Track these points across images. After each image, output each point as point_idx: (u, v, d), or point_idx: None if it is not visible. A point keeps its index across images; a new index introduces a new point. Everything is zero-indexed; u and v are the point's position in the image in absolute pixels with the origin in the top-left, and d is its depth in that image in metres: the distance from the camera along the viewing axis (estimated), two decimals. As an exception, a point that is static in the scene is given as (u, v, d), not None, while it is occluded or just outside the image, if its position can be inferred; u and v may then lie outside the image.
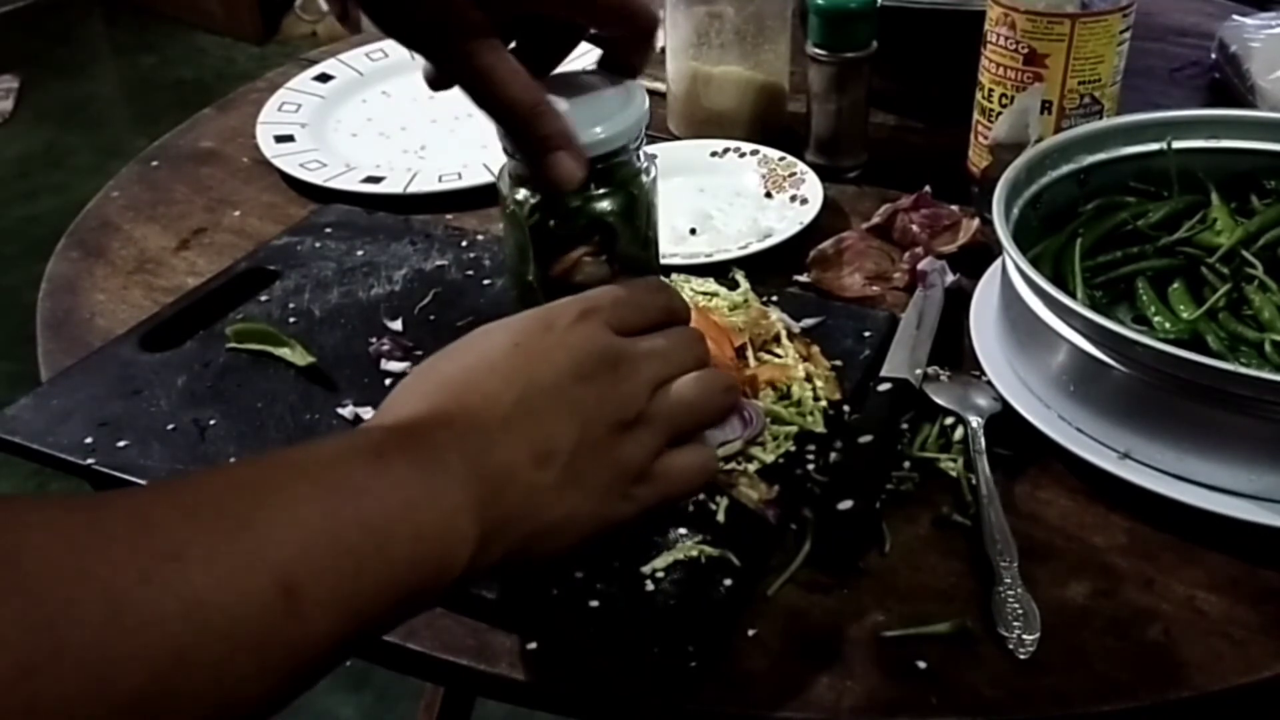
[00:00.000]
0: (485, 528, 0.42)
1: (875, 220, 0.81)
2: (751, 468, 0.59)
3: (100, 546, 0.33)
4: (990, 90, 0.82)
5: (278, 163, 0.94)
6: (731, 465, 0.59)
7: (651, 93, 1.01)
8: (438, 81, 0.53)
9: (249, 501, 0.37)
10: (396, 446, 0.42)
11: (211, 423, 0.65)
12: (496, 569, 0.44)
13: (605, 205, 0.53)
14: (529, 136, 0.50)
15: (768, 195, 0.88)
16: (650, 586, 0.53)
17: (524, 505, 0.44)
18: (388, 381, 0.68)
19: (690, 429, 0.50)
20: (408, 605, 0.40)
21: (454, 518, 0.41)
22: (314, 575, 0.36)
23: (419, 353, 0.70)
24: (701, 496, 0.57)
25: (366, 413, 0.65)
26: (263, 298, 0.76)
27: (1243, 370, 0.56)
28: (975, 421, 0.63)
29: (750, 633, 0.52)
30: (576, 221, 0.53)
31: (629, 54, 0.55)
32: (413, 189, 0.90)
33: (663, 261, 0.78)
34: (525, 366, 0.46)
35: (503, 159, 0.54)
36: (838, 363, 0.67)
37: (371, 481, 0.40)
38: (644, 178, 0.55)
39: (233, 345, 0.71)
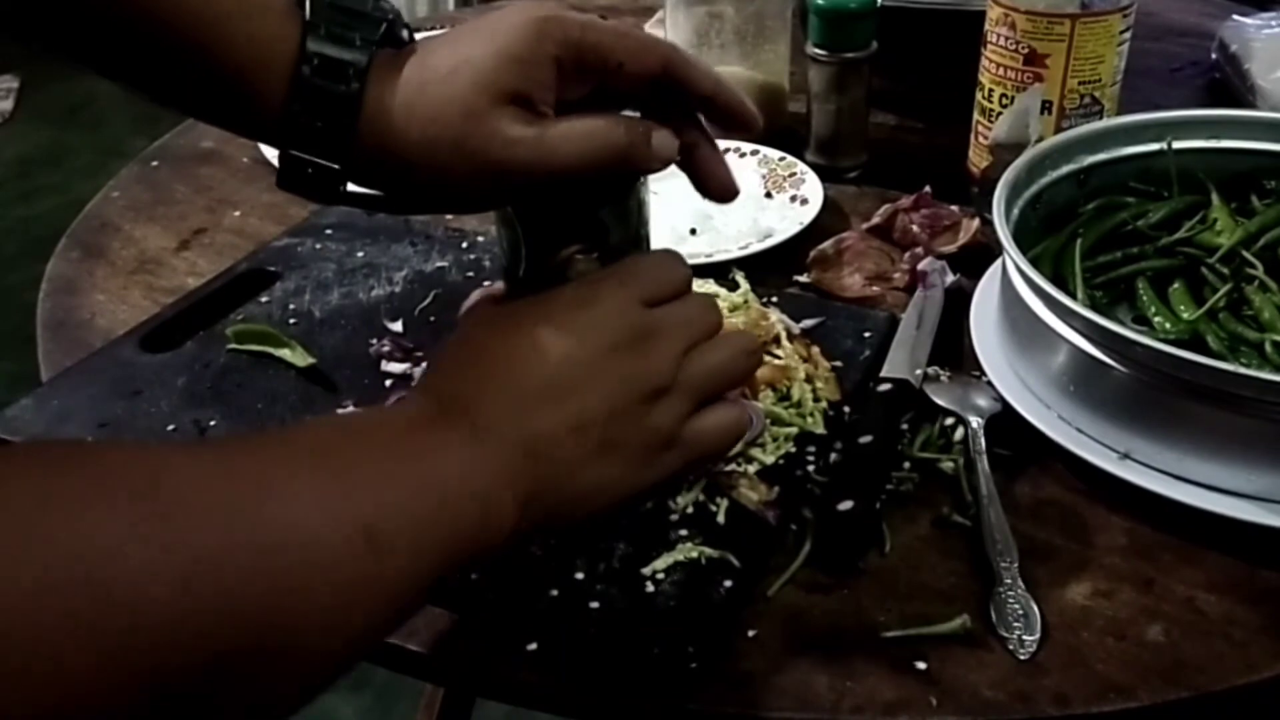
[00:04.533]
0: (526, 495, 0.44)
1: (875, 220, 0.81)
2: (751, 469, 0.59)
3: (222, 481, 0.36)
4: (990, 90, 0.82)
5: (278, 163, 0.94)
6: (731, 467, 0.59)
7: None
8: None
9: (331, 456, 0.41)
10: (447, 417, 0.44)
11: (212, 424, 0.65)
12: (530, 533, 0.46)
13: (600, 204, 0.53)
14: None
15: (768, 195, 0.88)
16: (650, 588, 0.53)
17: (560, 474, 0.46)
18: (388, 383, 0.68)
19: (716, 393, 0.51)
20: (456, 567, 0.43)
21: (499, 484, 0.44)
22: (390, 523, 0.39)
23: (419, 354, 0.70)
24: (701, 498, 0.58)
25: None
26: (263, 299, 0.76)
27: (1243, 371, 0.56)
28: (975, 422, 0.63)
29: (750, 633, 0.52)
30: (569, 219, 0.53)
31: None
32: (413, 189, 0.90)
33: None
34: (562, 340, 0.47)
35: None
36: (838, 363, 0.67)
37: (430, 447, 0.43)
38: (640, 183, 0.55)
39: (233, 346, 0.71)
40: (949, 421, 0.64)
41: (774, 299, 0.73)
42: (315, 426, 0.50)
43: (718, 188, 0.55)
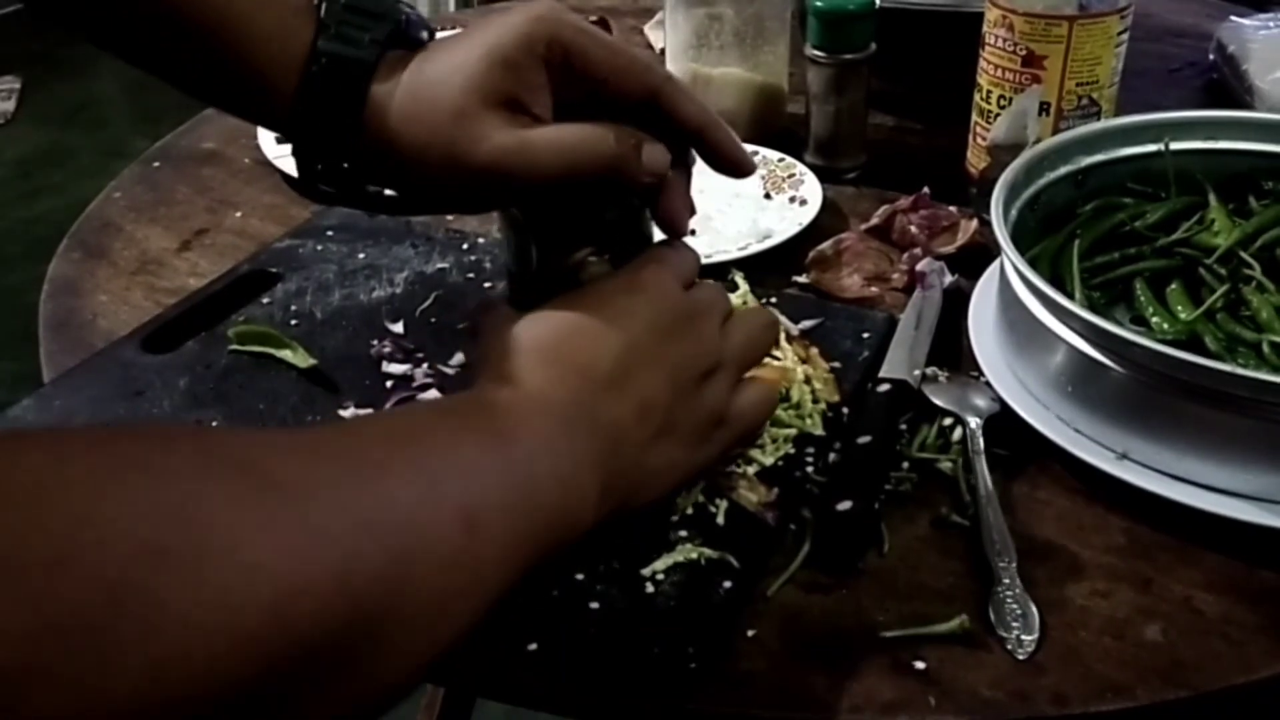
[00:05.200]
0: (604, 481, 0.45)
1: (874, 221, 0.82)
2: (751, 470, 0.59)
3: (320, 460, 0.36)
4: (988, 92, 0.82)
5: (279, 164, 0.94)
6: (730, 468, 0.59)
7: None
8: None
9: (421, 440, 0.40)
10: (523, 405, 0.44)
11: (214, 424, 0.65)
12: (604, 518, 0.46)
13: (608, 208, 0.54)
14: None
15: (767, 196, 0.88)
16: (650, 588, 0.53)
17: (632, 457, 0.47)
18: (389, 383, 0.68)
19: (751, 365, 0.54)
20: (547, 553, 0.43)
21: (582, 470, 0.44)
22: (486, 506, 0.39)
23: (420, 355, 0.70)
24: (701, 499, 0.58)
25: (368, 414, 0.66)
26: (264, 300, 0.76)
27: (1240, 371, 0.56)
28: (974, 422, 0.63)
29: (750, 633, 0.53)
30: (579, 222, 0.53)
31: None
32: (413, 191, 0.90)
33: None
34: (618, 326, 0.48)
35: None
36: (836, 364, 0.67)
37: (514, 433, 0.43)
38: None
39: (235, 347, 0.71)
40: (947, 422, 0.64)
41: (773, 299, 0.74)
42: (395, 415, 0.50)
43: (668, 219, 0.55)
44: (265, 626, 0.30)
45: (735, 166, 0.56)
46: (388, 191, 0.56)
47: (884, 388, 0.65)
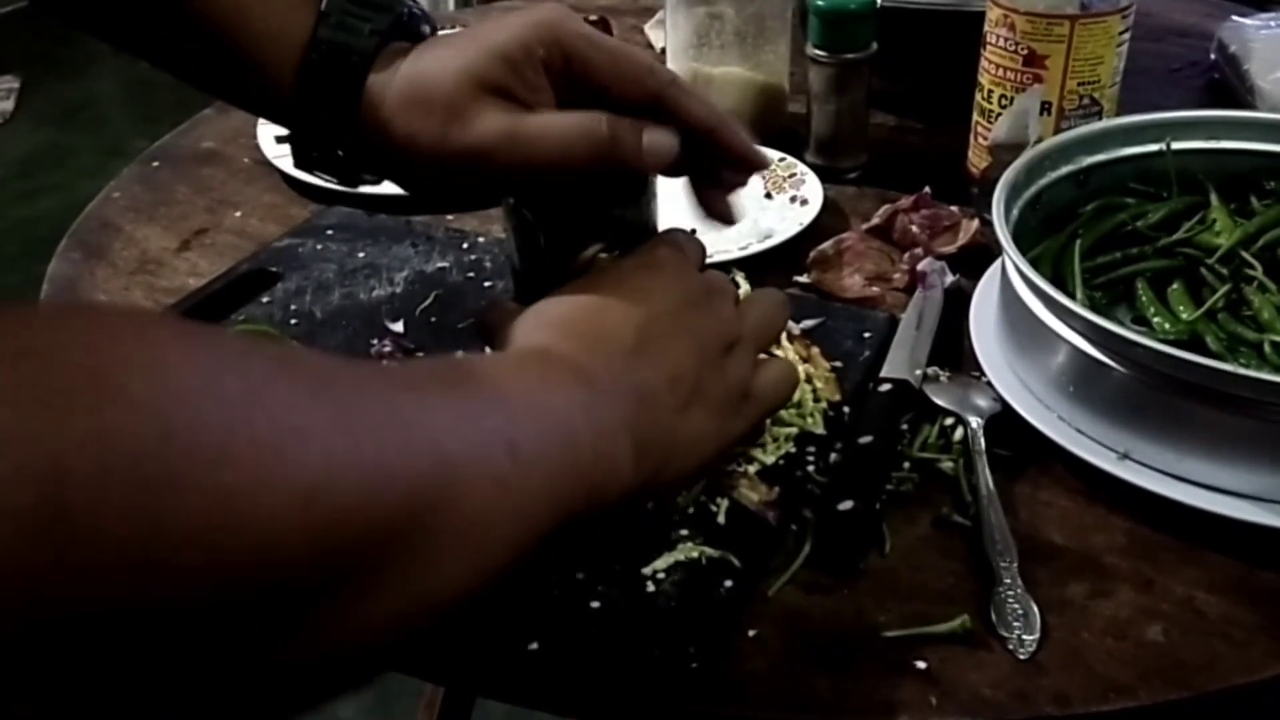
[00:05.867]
0: (637, 447, 0.44)
1: (875, 221, 0.82)
2: (752, 469, 0.59)
3: (376, 382, 0.36)
4: (990, 91, 0.82)
5: (279, 163, 0.94)
6: (732, 467, 0.59)
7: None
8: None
9: (463, 381, 0.40)
10: (557, 364, 0.44)
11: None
12: (639, 490, 0.45)
13: (616, 203, 0.54)
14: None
15: (768, 196, 0.88)
16: (651, 587, 0.53)
17: (664, 424, 0.46)
18: (389, 382, 0.68)
19: (769, 343, 0.55)
20: (585, 508, 0.42)
21: (618, 432, 0.43)
22: (530, 439, 0.39)
23: (420, 354, 0.70)
24: (702, 498, 0.58)
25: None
26: (264, 299, 0.76)
27: (1242, 371, 0.56)
28: (975, 422, 0.63)
29: (751, 633, 0.53)
30: (587, 218, 0.53)
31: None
32: (413, 190, 0.90)
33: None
34: (639, 300, 0.48)
35: None
36: (838, 363, 0.67)
37: (548, 383, 0.42)
38: (649, 177, 0.55)
39: (234, 346, 0.71)
40: (949, 422, 0.64)
41: (774, 299, 0.73)
42: (434, 359, 0.50)
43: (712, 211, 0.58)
44: (305, 506, 0.29)
45: (748, 163, 0.56)
46: (387, 186, 0.56)
47: (885, 388, 0.64)
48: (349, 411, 0.33)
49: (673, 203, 0.87)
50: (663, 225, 0.58)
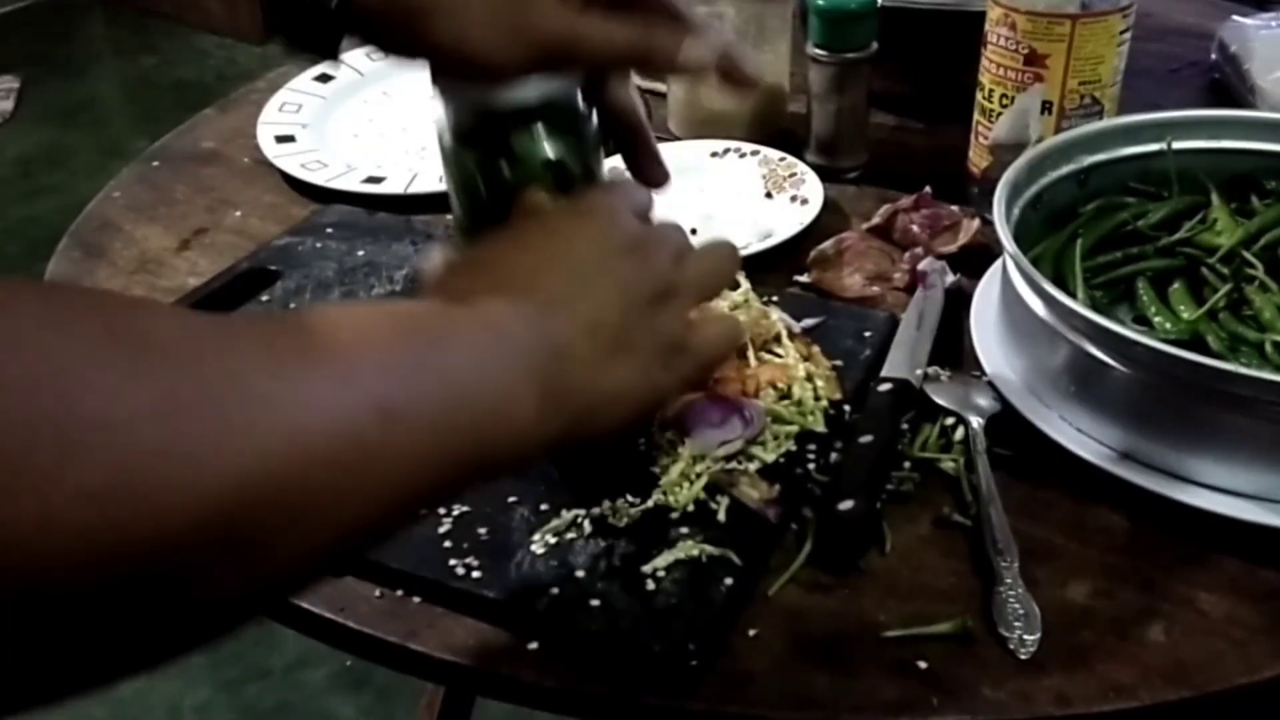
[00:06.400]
0: (545, 397, 0.42)
1: (875, 220, 0.81)
2: (752, 467, 0.59)
3: (218, 343, 0.34)
4: (990, 90, 0.82)
5: (279, 163, 0.94)
6: (732, 465, 0.59)
7: (652, 93, 1.01)
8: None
9: (333, 335, 0.38)
10: (459, 312, 0.43)
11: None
12: (554, 445, 0.44)
13: (556, 145, 0.53)
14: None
15: (768, 195, 0.88)
16: (651, 585, 0.53)
17: (580, 377, 0.44)
18: (388, 381, 0.68)
19: (711, 295, 0.53)
20: (480, 464, 0.41)
21: (519, 381, 0.42)
22: (408, 401, 0.37)
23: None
24: (702, 496, 0.58)
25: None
26: (264, 298, 0.76)
27: (1243, 370, 0.56)
28: (976, 421, 0.63)
29: (751, 633, 0.52)
30: (529, 164, 0.52)
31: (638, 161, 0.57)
32: (414, 189, 0.90)
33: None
34: (563, 245, 0.47)
35: (440, 112, 0.53)
36: (838, 363, 0.67)
37: (444, 335, 0.41)
38: (590, 123, 0.55)
39: (233, 345, 0.71)
40: (949, 421, 0.64)
41: (774, 298, 0.73)
42: (323, 309, 0.46)
43: (644, 177, 0.57)
44: (97, 508, 0.28)
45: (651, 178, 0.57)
46: (387, 185, 0.55)
47: (886, 387, 0.64)
48: (174, 393, 0.31)
49: (673, 203, 0.87)
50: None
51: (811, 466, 0.60)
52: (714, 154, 0.93)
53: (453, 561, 0.55)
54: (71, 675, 0.30)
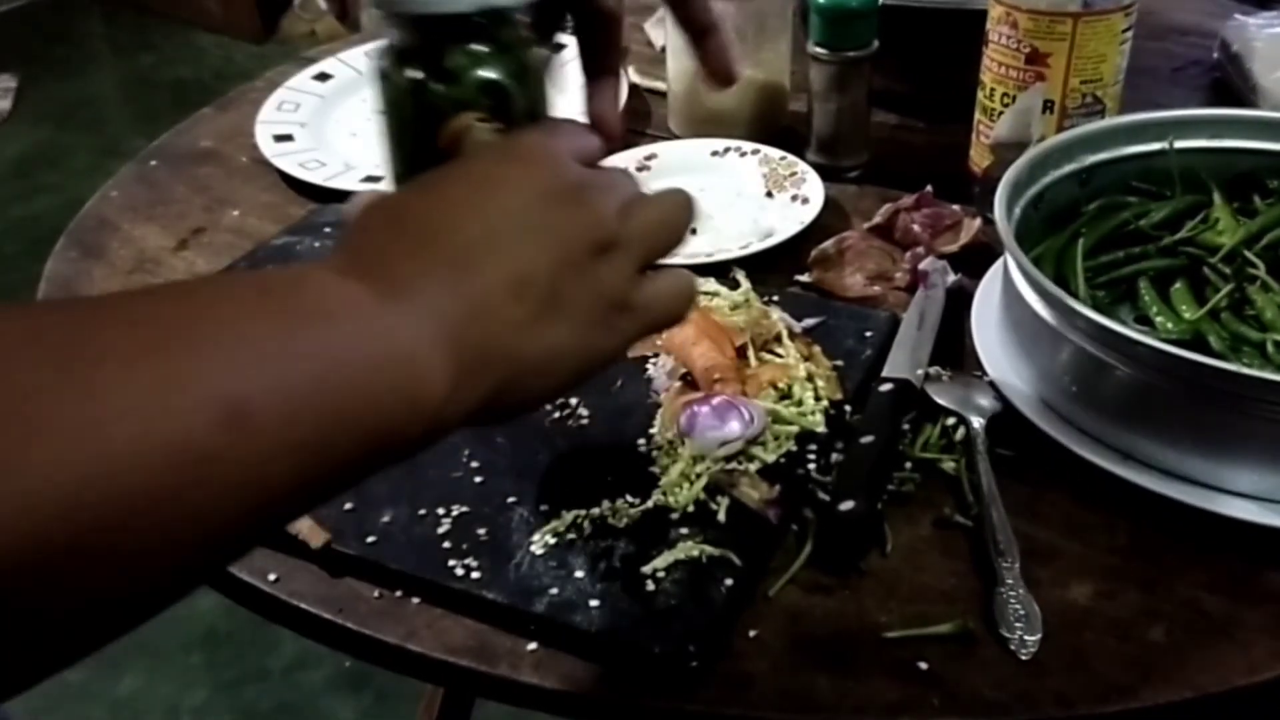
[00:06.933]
0: (461, 364, 0.39)
1: (876, 220, 0.81)
2: (753, 467, 0.59)
3: (28, 352, 0.31)
4: (992, 89, 0.81)
5: (277, 162, 0.94)
6: (732, 465, 0.59)
7: (651, 92, 1.01)
8: None
9: (194, 317, 0.34)
10: (359, 274, 0.38)
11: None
12: (479, 413, 0.40)
13: (495, 66, 0.48)
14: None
15: (768, 195, 0.88)
16: (651, 586, 0.53)
17: (504, 340, 0.40)
18: (387, 381, 0.68)
19: (662, 250, 0.47)
20: (375, 447, 0.37)
21: (424, 350, 0.38)
22: (265, 394, 0.33)
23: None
24: (702, 496, 0.57)
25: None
26: (262, 297, 0.76)
27: (1245, 371, 0.56)
28: (977, 422, 0.63)
29: (751, 633, 0.52)
30: (465, 83, 0.48)
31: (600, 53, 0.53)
32: (412, 188, 0.90)
33: (664, 261, 0.78)
34: (488, 193, 0.42)
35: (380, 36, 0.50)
36: (839, 363, 0.67)
37: (333, 306, 0.37)
38: (536, 48, 0.50)
39: (232, 345, 0.71)
40: (950, 421, 0.64)
41: (775, 298, 0.73)
42: (193, 283, 0.42)
43: (598, 119, 0.52)
44: None
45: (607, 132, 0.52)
46: (387, 185, 0.53)
47: (887, 387, 0.64)
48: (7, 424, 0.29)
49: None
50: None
51: (812, 467, 0.60)
52: (714, 153, 0.92)
53: (452, 562, 0.55)
54: None
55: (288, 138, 0.98)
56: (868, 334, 0.70)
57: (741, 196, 0.88)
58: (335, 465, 0.36)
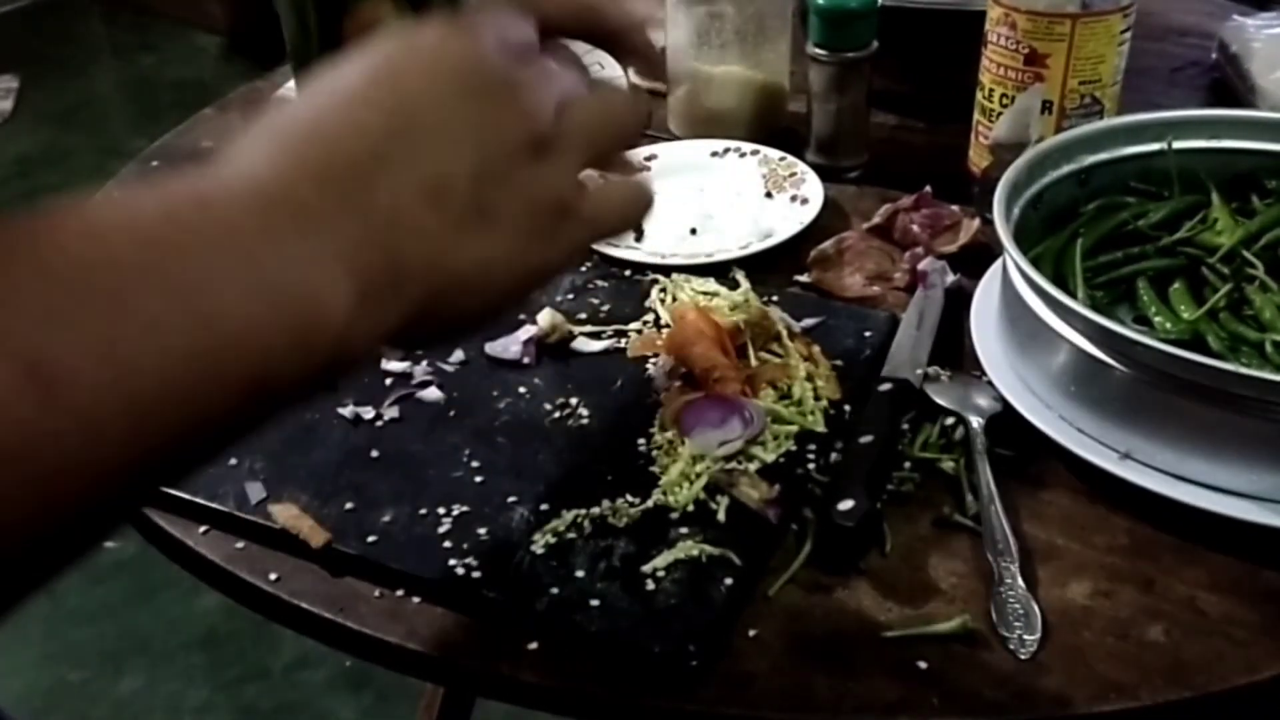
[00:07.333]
0: (366, 285, 0.34)
1: (876, 220, 0.81)
2: (752, 467, 0.59)
3: None
4: (991, 90, 0.81)
5: (278, 162, 0.94)
6: (732, 465, 0.59)
7: (652, 93, 1.01)
8: None
9: (8, 249, 0.29)
10: (230, 194, 0.34)
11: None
12: (404, 336, 0.37)
13: None
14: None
15: (768, 195, 0.88)
16: (651, 586, 0.53)
17: (420, 253, 0.36)
18: (388, 381, 0.68)
19: (609, 147, 0.43)
20: (258, 386, 0.32)
21: (315, 271, 0.33)
22: (84, 352, 0.28)
23: (419, 351, 0.70)
24: (702, 496, 0.57)
25: (367, 411, 0.65)
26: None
27: (1244, 370, 0.56)
28: (976, 422, 0.63)
29: (751, 633, 0.52)
30: None
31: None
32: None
33: (663, 261, 0.78)
34: (396, 87, 0.37)
35: None
36: (838, 362, 0.67)
37: (190, 236, 0.32)
38: None
39: (233, 345, 0.71)
40: (950, 421, 0.64)
41: (774, 298, 0.73)
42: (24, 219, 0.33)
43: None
44: None
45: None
46: None
47: (886, 387, 0.64)
48: None
49: (673, 203, 0.87)
50: (661, 227, 0.57)
51: (811, 466, 0.60)
52: (714, 153, 0.93)
53: (453, 561, 0.55)
54: None
55: (288, 138, 0.98)
56: (867, 334, 0.70)
57: (741, 197, 0.88)
58: (201, 419, 0.31)
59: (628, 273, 0.77)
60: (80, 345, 0.28)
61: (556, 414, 0.65)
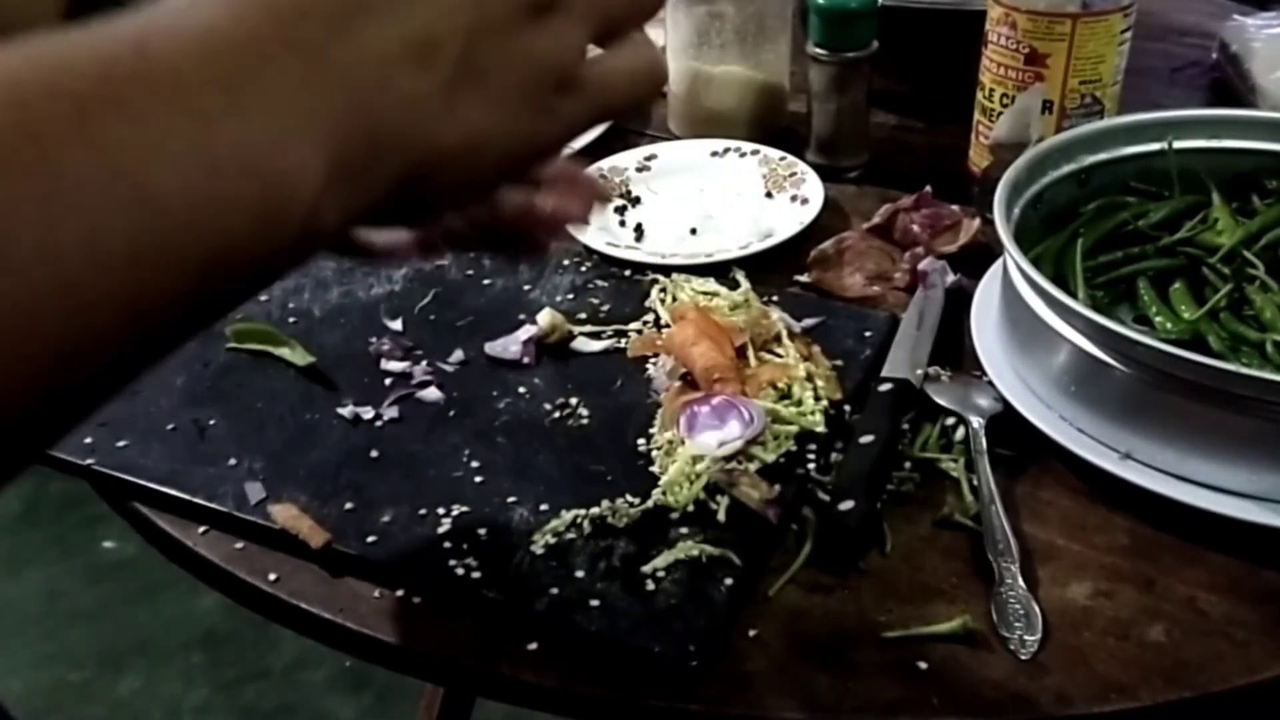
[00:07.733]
0: (340, 155, 0.31)
1: (876, 220, 0.81)
2: (752, 467, 0.59)
3: None
4: (991, 90, 0.81)
5: None
6: (732, 465, 0.59)
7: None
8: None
9: None
10: (176, 41, 0.29)
11: (211, 423, 0.65)
12: (382, 212, 0.34)
13: None
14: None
15: (768, 195, 0.88)
16: (651, 586, 0.53)
17: (404, 119, 0.32)
18: (388, 381, 0.68)
19: (621, 18, 0.38)
20: (215, 268, 0.29)
21: (279, 138, 0.29)
22: (32, 224, 0.25)
23: (419, 352, 0.70)
24: (702, 496, 0.57)
25: (366, 412, 0.65)
26: (262, 297, 0.76)
27: (1244, 370, 0.56)
28: (976, 422, 0.63)
29: (751, 633, 0.52)
30: None
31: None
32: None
33: (663, 261, 0.78)
34: None
35: None
36: (839, 362, 0.67)
37: (127, 93, 0.27)
38: None
39: (232, 345, 0.71)
40: (950, 421, 0.64)
41: (774, 298, 0.73)
42: None
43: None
44: None
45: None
46: None
47: (886, 387, 0.64)
48: None
49: (673, 203, 0.87)
50: (661, 227, 0.57)
51: (812, 467, 0.60)
52: (714, 153, 0.93)
53: (452, 561, 0.55)
54: None
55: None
56: (867, 334, 0.70)
57: (741, 197, 0.88)
58: (165, 303, 0.29)
59: (628, 273, 0.77)
60: (27, 216, 0.25)
61: (556, 414, 0.65)
